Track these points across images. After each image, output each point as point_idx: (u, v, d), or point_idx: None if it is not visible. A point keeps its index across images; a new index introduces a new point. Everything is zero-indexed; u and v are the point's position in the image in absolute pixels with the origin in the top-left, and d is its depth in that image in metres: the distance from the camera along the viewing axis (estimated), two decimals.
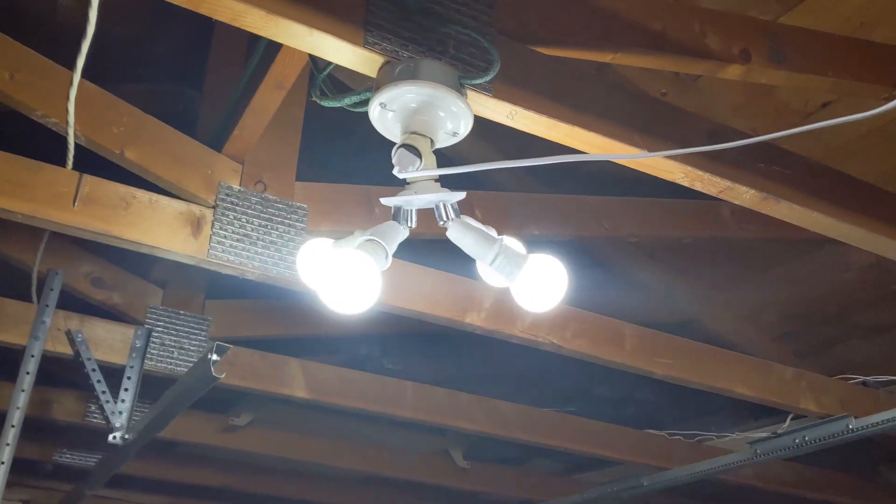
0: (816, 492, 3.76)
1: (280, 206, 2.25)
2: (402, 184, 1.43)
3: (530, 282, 1.40)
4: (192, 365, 2.16)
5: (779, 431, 2.96)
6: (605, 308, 2.60)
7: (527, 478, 4.16)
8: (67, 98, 1.92)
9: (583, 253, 3.06)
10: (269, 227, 2.21)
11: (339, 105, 1.53)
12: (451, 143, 1.48)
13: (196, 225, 2.13)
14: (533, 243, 1.73)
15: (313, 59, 1.60)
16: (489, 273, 1.54)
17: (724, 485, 3.53)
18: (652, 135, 1.61)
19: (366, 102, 1.47)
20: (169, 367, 2.81)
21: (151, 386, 2.82)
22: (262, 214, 2.21)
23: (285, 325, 3.13)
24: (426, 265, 2.37)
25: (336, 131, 2.96)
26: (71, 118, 1.89)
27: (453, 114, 1.41)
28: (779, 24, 1.90)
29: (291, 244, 2.22)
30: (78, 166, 2.02)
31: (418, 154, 1.36)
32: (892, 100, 2.12)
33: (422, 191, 1.39)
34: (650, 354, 2.59)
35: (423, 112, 1.40)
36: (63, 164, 2.03)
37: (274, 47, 1.89)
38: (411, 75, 1.39)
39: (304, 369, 3.00)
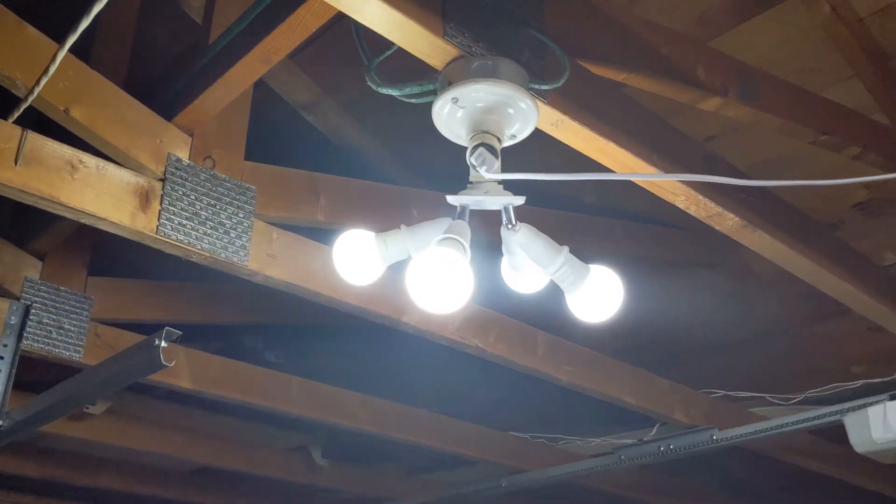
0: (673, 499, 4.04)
1: (230, 185, 2.11)
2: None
3: (591, 293, 1.43)
4: (132, 348, 1.97)
5: (645, 439, 3.18)
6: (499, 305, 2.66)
7: (383, 476, 4.16)
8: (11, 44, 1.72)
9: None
10: (218, 206, 2.07)
11: (395, 93, 1.48)
12: (509, 144, 1.48)
13: (144, 198, 1.96)
14: None
15: (359, 41, 1.53)
16: (515, 278, 1.55)
17: (588, 490, 3.72)
18: (665, 156, 1.70)
19: (426, 94, 1.43)
20: (46, 348, 2.55)
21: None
22: (211, 193, 2.07)
23: (170, 309, 2.93)
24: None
25: None
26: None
27: (522, 117, 1.42)
28: (749, 66, 2.05)
29: (240, 227, 2.10)
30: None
31: (496, 154, 1.35)
32: (818, 142, 2.37)
33: (491, 192, 1.38)
34: (558, 362, 2.69)
35: (495, 112, 1.39)
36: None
37: (270, 16, 1.78)
38: (490, 74, 1.37)
39: (188, 358, 2.83)
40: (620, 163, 1.65)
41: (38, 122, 1.87)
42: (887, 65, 2.67)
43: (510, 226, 1.45)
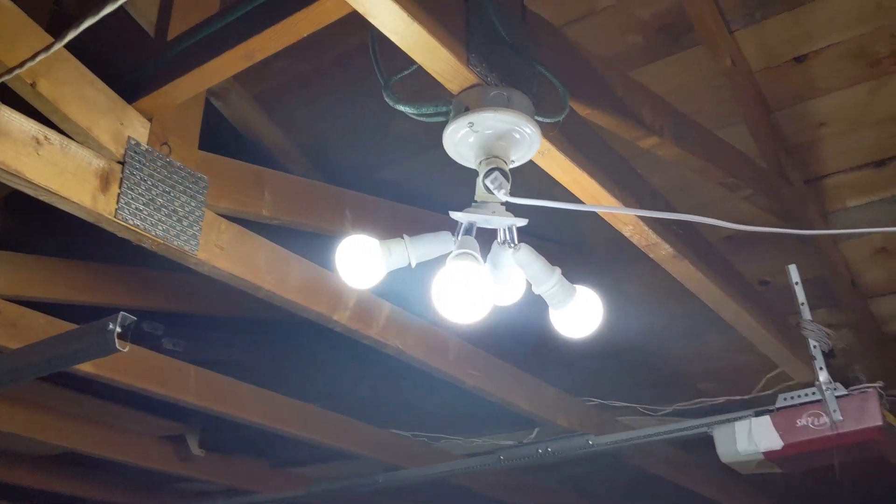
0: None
1: (184, 173, 2.11)
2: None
3: (576, 312, 1.57)
4: (80, 331, 1.92)
5: (524, 441, 3.38)
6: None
7: (256, 469, 4.14)
8: None
9: None
10: (172, 194, 2.07)
11: (412, 111, 1.56)
12: (510, 167, 1.60)
13: (105, 180, 1.94)
14: None
15: (375, 58, 1.60)
16: (494, 290, 1.67)
17: (460, 489, 3.87)
18: (624, 190, 1.87)
19: (438, 115, 1.53)
20: None
21: None
22: (167, 180, 2.07)
23: (73, 289, 2.84)
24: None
25: None
26: None
27: (527, 145, 1.54)
28: (678, 110, 2.27)
29: (192, 216, 2.10)
30: None
31: (508, 178, 1.47)
32: (726, 184, 2.63)
33: (497, 212, 1.50)
34: (465, 366, 2.84)
35: (505, 138, 1.51)
36: None
37: (262, 14, 1.82)
38: (506, 104, 1.49)
39: None
40: (589, 194, 1.81)
41: None
42: (768, 116, 3.01)
43: (512, 245, 1.57)
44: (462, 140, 1.53)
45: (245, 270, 2.21)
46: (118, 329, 1.85)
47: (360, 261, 1.57)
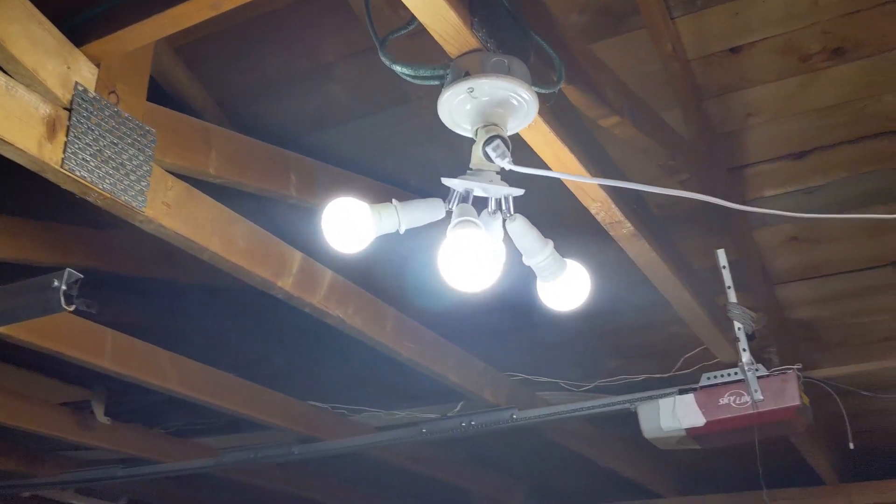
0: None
1: (132, 125, 1.99)
2: None
3: (565, 286, 1.56)
4: (22, 286, 1.77)
5: (449, 415, 3.38)
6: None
7: (164, 438, 3.98)
8: None
9: None
10: (120, 146, 1.95)
11: (407, 71, 1.51)
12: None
13: (52, 127, 1.80)
14: None
15: (369, 16, 1.54)
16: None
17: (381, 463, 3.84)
18: (597, 165, 1.88)
19: (433, 78, 1.49)
20: None
21: None
22: (114, 130, 1.94)
23: None
24: None
25: None
26: None
27: (524, 114, 1.51)
28: (633, 91, 2.30)
29: (140, 171, 1.99)
30: None
31: (509, 146, 1.44)
32: (666, 166, 2.68)
33: (494, 181, 1.47)
34: (402, 338, 2.81)
35: (503, 106, 1.48)
36: None
37: None
38: (506, 71, 1.46)
39: None
40: (566, 167, 1.81)
41: None
42: (700, 103, 3.09)
43: (509, 215, 1.55)
44: (459, 106, 1.49)
45: (191, 230, 2.10)
46: (64, 287, 1.72)
47: (349, 224, 1.51)
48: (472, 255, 1.41)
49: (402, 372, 3.91)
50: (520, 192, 1.52)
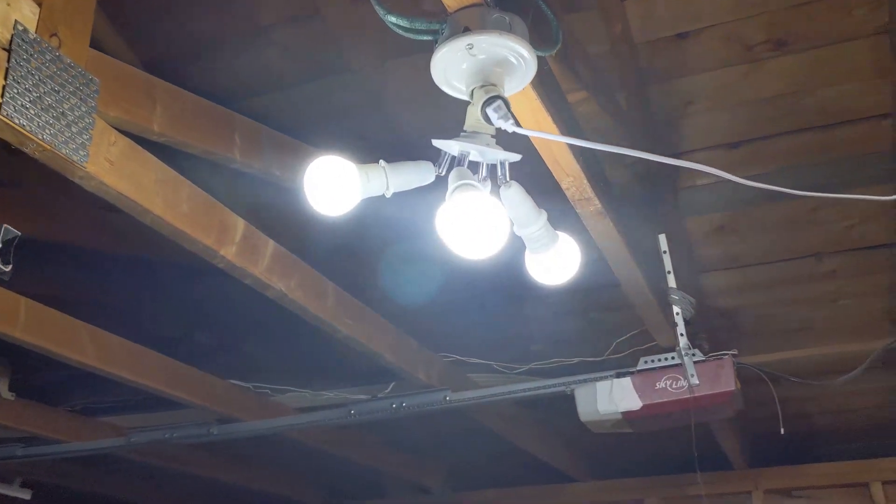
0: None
1: (75, 72, 1.83)
2: None
3: (555, 259, 1.50)
4: None
5: (380, 396, 3.30)
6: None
7: (74, 416, 3.74)
8: None
9: None
10: (61, 94, 1.79)
11: (402, 23, 1.41)
12: None
13: None
14: None
15: None
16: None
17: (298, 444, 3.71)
18: (573, 134, 1.83)
19: (430, 33, 1.40)
20: None
21: None
22: (56, 77, 1.78)
23: None
24: None
25: None
26: None
27: (521, 76, 1.44)
28: (597, 68, 2.26)
29: (82, 122, 1.83)
30: None
31: (510, 107, 1.37)
32: None
33: (490, 145, 1.39)
34: (342, 314, 2.71)
35: (502, 66, 1.40)
36: None
37: None
38: (508, 28, 1.38)
39: None
40: (536, 121, 1.73)
41: None
42: (644, 88, 3.09)
43: (504, 181, 1.47)
44: (455, 63, 1.41)
45: (135, 191, 1.96)
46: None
47: (334, 184, 1.40)
48: (480, 219, 1.34)
49: (330, 351, 3.81)
50: (517, 157, 1.45)
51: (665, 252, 2.85)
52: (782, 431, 2.91)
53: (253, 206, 2.48)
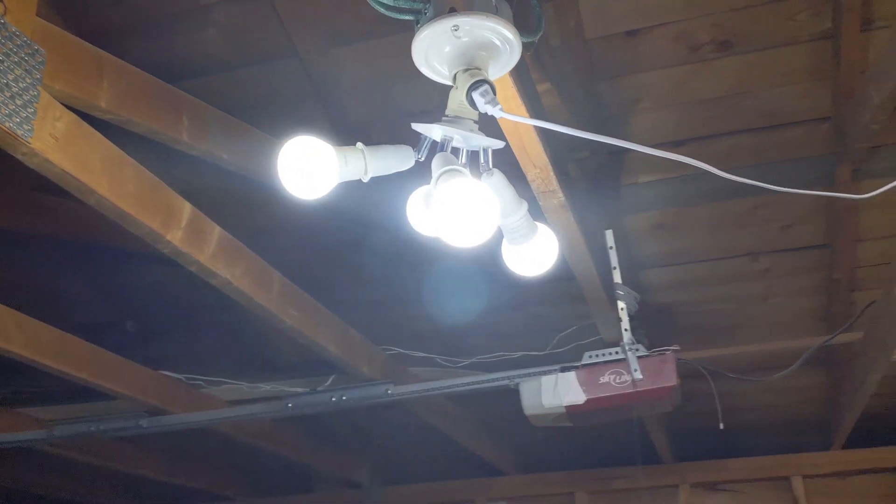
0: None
1: (20, 41, 1.71)
2: None
3: (534, 250, 1.46)
4: None
5: (319, 388, 3.23)
6: None
7: None
8: None
9: None
10: (6, 64, 1.67)
11: (385, 2, 1.35)
12: None
13: None
14: None
15: None
16: (423, 213, 1.53)
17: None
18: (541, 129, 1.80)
19: (413, 12, 1.35)
20: None
21: None
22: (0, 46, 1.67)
23: None
24: None
25: None
26: None
27: (504, 61, 1.40)
28: (561, 61, 2.24)
29: (27, 95, 1.72)
30: None
31: (495, 92, 1.33)
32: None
33: (474, 131, 1.35)
34: (287, 305, 2.63)
35: (487, 49, 1.36)
36: None
37: None
38: (494, 10, 1.34)
39: None
40: (519, 126, 1.71)
41: None
42: (595, 85, 3.10)
43: (487, 169, 1.43)
44: (438, 45, 1.36)
45: (80, 169, 1.85)
46: None
47: (311, 166, 1.34)
48: (472, 207, 1.29)
49: (266, 341, 3.71)
50: (501, 144, 1.42)
51: (611, 247, 2.86)
52: (721, 426, 2.95)
53: (197, 190, 2.38)
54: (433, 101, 3.07)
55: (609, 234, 2.89)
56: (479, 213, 1.29)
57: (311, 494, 5.18)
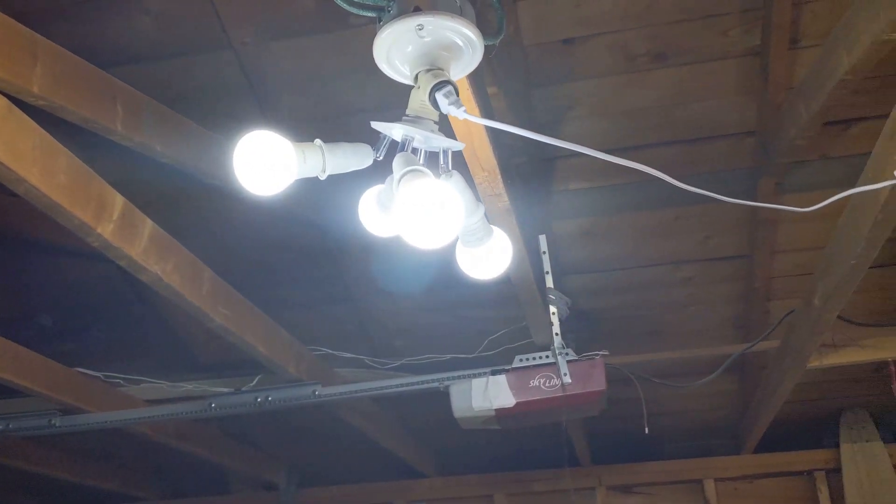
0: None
1: None
2: None
3: (489, 253, 1.45)
4: None
5: (244, 389, 3.16)
6: None
7: None
8: None
9: None
10: None
11: None
12: None
13: None
14: None
15: None
16: (376, 215, 1.51)
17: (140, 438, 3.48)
18: (492, 131, 1.80)
19: (376, 9, 1.33)
20: None
21: None
22: None
23: None
24: None
25: None
26: None
27: (465, 62, 1.39)
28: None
29: None
30: None
31: (457, 93, 1.32)
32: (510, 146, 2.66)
33: (434, 131, 1.34)
34: (217, 302, 2.56)
35: (450, 50, 1.35)
36: None
37: None
38: (458, 12, 1.33)
39: None
40: (470, 131, 1.71)
41: None
42: (529, 91, 3.13)
43: (447, 170, 1.42)
44: (400, 44, 1.34)
45: (11, 157, 1.77)
46: None
47: (268, 162, 1.30)
48: (437, 208, 1.27)
49: (188, 339, 3.61)
50: (461, 145, 1.41)
51: (544, 252, 2.89)
52: (647, 431, 3.01)
53: (125, 182, 2.30)
54: (371, 98, 3.08)
55: (542, 239, 2.92)
56: (445, 215, 1.27)
57: (226, 496, 5.07)
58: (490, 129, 1.78)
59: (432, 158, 1.40)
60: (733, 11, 2.87)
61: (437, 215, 1.27)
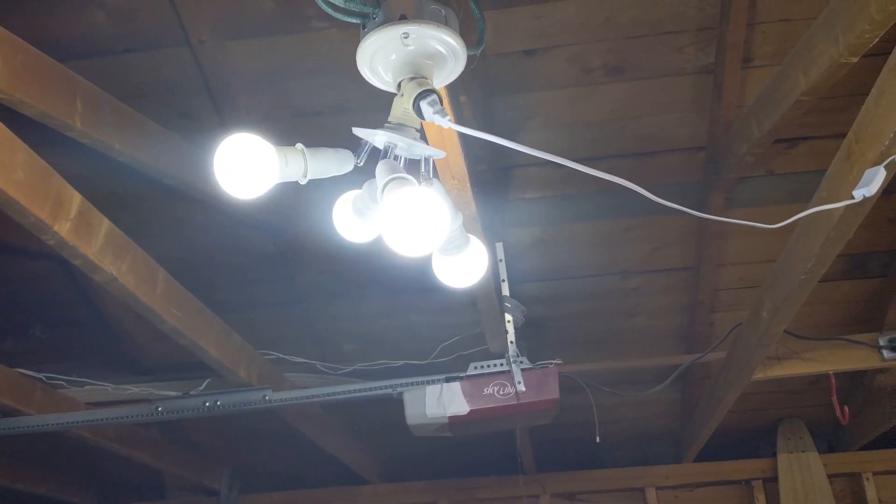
0: None
1: None
2: None
3: (465, 261, 1.45)
4: None
5: (192, 392, 3.10)
6: None
7: None
8: None
9: None
10: None
11: (334, 2, 1.31)
12: None
13: None
14: None
15: None
16: (353, 221, 1.50)
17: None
18: (465, 141, 1.80)
19: (361, 16, 1.32)
20: None
21: None
22: None
23: None
24: None
25: None
26: None
27: (448, 72, 1.39)
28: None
29: None
30: None
31: (442, 102, 1.31)
32: (476, 156, 2.66)
33: (417, 139, 1.33)
34: (170, 304, 2.51)
35: (433, 59, 1.35)
36: None
37: None
38: (444, 21, 1.33)
39: None
40: (444, 138, 1.70)
41: None
42: (489, 100, 3.15)
43: (427, 178, 1.41)
44: (384, 52, 1.33)
45: None
46: None
47: (250, 165, 1.28)
48: (423, 216, 1.27)
49: (134, 341, 3.53)
50: (442, 154, 1.41)
51: (501, 260, 2.91)
52: (598, 440, 3.04)
53: (86, 179, 2.24)
54: (328, 101, 3.06)
55: (499, 247, 2.93)
56: (431, 222, 1.27)
57: (162, 502, 4.96)
58: (462, 138, 1.78)
59: (412, 166, 1.40)
60: (689, 29, 2.94)
61: (423, 223, 1.27)
